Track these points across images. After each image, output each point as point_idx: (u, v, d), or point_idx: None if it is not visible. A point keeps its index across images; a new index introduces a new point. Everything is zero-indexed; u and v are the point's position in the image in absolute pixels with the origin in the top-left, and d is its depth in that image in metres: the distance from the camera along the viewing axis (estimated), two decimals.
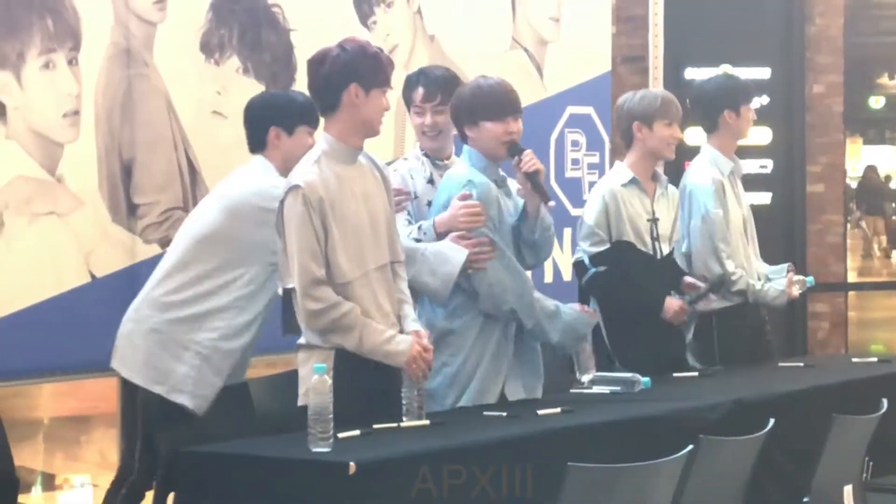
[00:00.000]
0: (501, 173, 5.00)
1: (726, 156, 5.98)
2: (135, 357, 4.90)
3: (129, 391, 5.02)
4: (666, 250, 5.62)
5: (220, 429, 4.63)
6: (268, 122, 4.98)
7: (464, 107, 4.93)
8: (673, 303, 5.56)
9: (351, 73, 4.45)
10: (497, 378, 4.86)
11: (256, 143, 5.02)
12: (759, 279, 5.98)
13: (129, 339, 4.93)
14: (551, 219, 5.05)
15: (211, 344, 4.87)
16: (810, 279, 6.12)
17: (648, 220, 5.57)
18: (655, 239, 5.58)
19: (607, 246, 5.53)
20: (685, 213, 5.85)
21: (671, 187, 5.75)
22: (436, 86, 5.15)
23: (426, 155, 5.19)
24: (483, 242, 4.81)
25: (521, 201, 4.98)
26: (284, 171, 4.84)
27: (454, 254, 4.78)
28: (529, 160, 4.87)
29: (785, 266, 6.04)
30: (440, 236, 4.88)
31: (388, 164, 4.90)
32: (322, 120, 4.59)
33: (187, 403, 4.86)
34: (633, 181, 5.60)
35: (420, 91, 5.16)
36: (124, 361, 4.95)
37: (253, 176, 4.94)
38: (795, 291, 5.95)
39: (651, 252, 5.57)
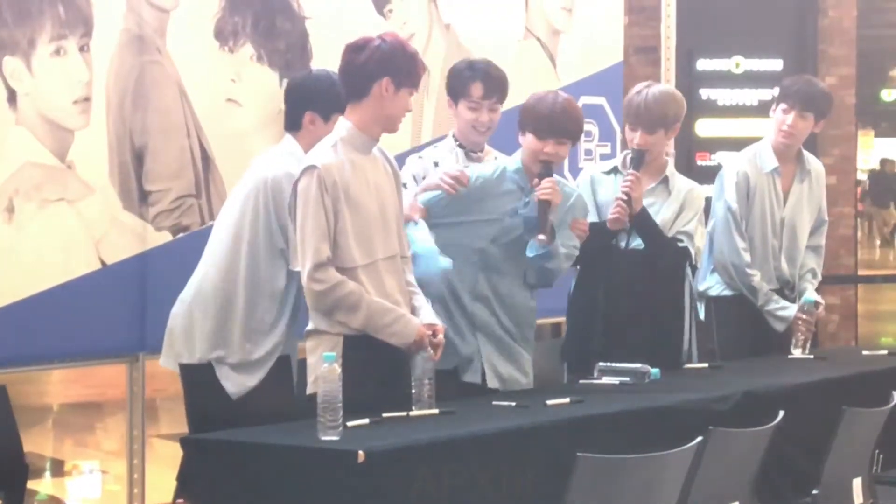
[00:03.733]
0: (529, 186, 5.02)
1: (775, 150, 6.08)
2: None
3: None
4: (632, 243, 5.57)
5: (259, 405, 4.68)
6: (305, 105, 4.94)
7: (522, 111, 5.05)
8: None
9: (387, 66, 4.46)
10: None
11: (292, 123, 5.00)
12: (789, 283, 6.09)
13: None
14: (560, 254, 5.03)
15: None
16: (808, 298, 6.12)
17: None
18: (623, 229, 5.54)
19: None
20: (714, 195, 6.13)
21: (682, 183, 5.70)
22: (496, 85, 5.25)
23: (461, 146, 5.23)
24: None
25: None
26: None
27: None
28: (544, 187, 4.92)
29: (813, 301, 6.06)
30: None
31: (413, 151, 4.89)
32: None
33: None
34: (614, 170, 5.66)
35: (479, 87, 5.22)
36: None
37: (278, 159, 4.93)
38: (802, 327, 5.99)
39: (613, 241, 5.56)
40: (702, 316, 6.05)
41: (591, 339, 5.45)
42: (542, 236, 4.92)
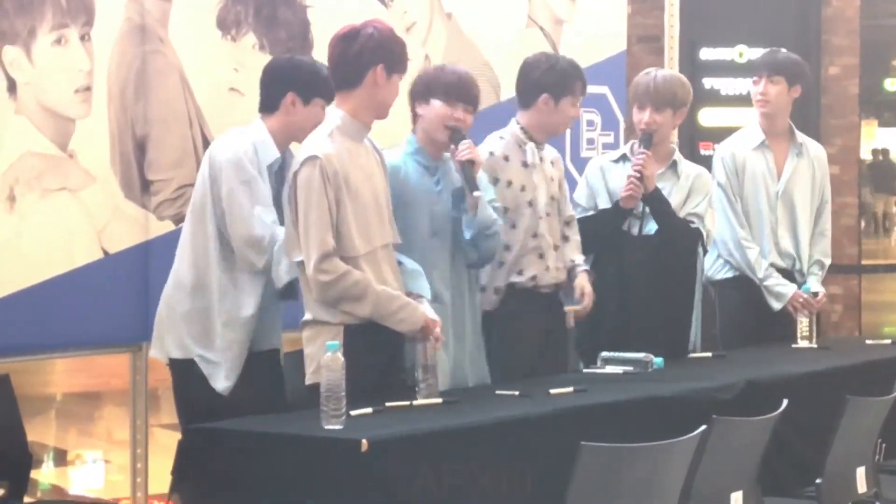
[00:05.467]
0: (433, 162, 4.98)
1: (762, 127, 6.24)
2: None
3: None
4: (644, 229, 5.57)
5: (248, 397, 4.62)
6: (288, 86, 4.84)
7: (422, 82, 4.97)
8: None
9: (381, 53, 4.49)
10: None
11: (269, 104, 4.87)
12: (796, 264, 6.17)
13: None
14: (494, 220, 5.01)
15: None
16: (806, 286, 6.14)
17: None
18: (636, 216, 5.56)
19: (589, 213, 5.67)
20: None
21: (690, 168, 5.74)
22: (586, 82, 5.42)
23: (531, 138, 5.34)
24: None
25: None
26: (285, 139, 4.82)
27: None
28: (464, 149, 4.87)
29: (810, 289, 6.10)
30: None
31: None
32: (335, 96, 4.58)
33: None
34: (623, 157, 5.73)
35: (581, 86, 5.38)
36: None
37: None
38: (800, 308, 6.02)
39: (625, 227, 5.56)
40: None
41: (603, 329, 5.45)
42: (476, 193, 4.87)
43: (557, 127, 5.43)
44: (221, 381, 4.71)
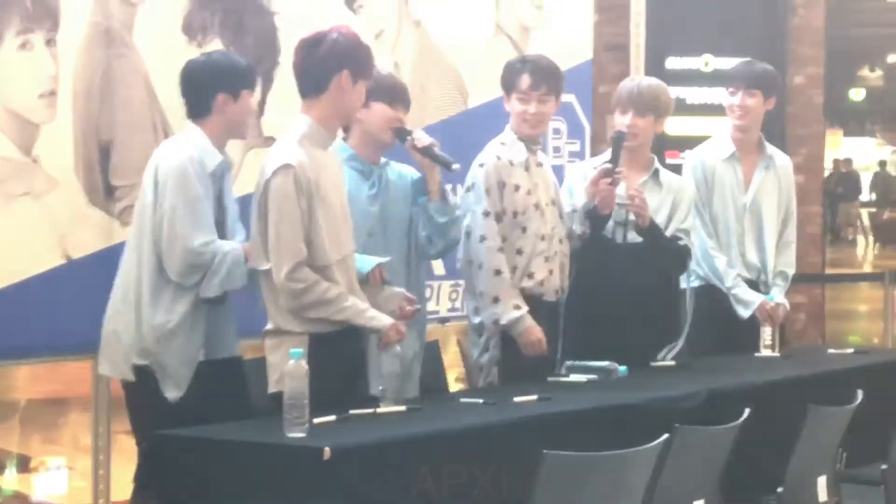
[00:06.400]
0: (368, 166, 5.00)
1: (733, 139, 6.24)
2: None
3: None
4: (632, 236, 5.59)
5: (207, 406, 4.57)
6: (215, 88, 4.77)
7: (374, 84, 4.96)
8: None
9: (347, 59, 4.49)
10: None
11: (199, 109, 4.80)
12: (761, 276, 6.19)
13: None
14: (457, 202, 5.15)
15: None
16: (770, 296, 6.16)
17: (618, 204, 5.57)
18: (621, 224, 5.58)
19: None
20: None
21: (671, 177, 5.75)
22: (543, 75, 5.32)
23: (521, 139, 5.35)
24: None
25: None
26: (223, 139, 4.81)
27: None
28: (420, 136, 4.97)
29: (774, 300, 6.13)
30: None
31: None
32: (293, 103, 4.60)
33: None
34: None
35: (526, 79, 5.30)
36: None
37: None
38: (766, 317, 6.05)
39: (610, 235, 5.57)
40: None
41: (588, 337, 5.44)
42: (455, 165, 5.00)
43: (519, 125, 5.40)
44: (171, 391, 4.69)
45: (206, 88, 4.79)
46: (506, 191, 5.28)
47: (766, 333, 5.94)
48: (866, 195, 27.72)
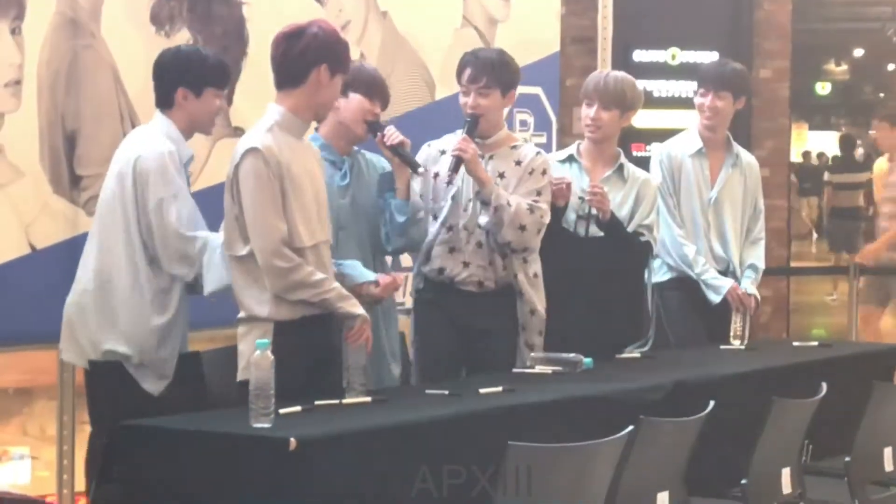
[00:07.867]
0: (340, 157, 5.01)
1: (701, 136, 6.28)
2: None
3: None
4: (594, 230, 5.59)
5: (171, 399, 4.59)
6: (176, 82, 4.77)
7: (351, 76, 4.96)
8: None
9: (326, 53, 4.49)
10: None
11: (164, 100, 4.80)
12: (729, 268, 6.24)
13: None
14: (422, 206, 5.12)
15: None
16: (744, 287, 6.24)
17: (580, 198, 5.58)
18: (583, 217, 5.58)
19: None
20: None
21: (635, 171, 5.76)
22: (482, 68, 5.28)
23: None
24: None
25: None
26: (189, 132, 4.80)
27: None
28: (392, 133, 4.95)
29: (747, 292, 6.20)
30: None
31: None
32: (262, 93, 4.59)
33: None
34: (570, 158, 5.76)
35: (467, 72, 5.29)
36: None
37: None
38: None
39: (571, 229, 5.58)
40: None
41: (552, 329, 5.44)
42: (421, 170, 5.05)
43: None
44: (153, 383, 4.69)
45: (169, 80, 4.79)
46: (427, 175, 5.27)
47: (737, 323, 5.97)
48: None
